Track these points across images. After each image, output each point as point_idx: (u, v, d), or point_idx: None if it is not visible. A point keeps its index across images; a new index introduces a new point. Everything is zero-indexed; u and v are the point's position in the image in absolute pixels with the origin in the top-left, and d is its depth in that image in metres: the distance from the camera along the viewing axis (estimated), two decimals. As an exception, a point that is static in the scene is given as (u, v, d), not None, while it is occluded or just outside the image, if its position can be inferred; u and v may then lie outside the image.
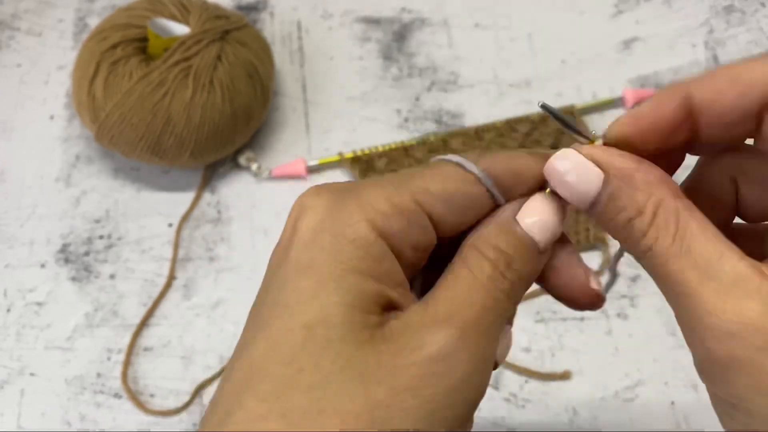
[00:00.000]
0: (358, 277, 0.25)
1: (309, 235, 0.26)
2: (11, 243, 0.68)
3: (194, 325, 0.63)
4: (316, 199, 0.27)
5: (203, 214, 0.68)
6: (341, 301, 0.24)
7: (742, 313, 0.23)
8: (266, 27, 0.77)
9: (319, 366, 0.24)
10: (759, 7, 0.74)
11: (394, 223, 0.26)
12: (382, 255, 0.26)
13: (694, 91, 0.26)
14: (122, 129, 0.63)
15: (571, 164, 0.27)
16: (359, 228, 0.25)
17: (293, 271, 0.26)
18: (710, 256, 0.24)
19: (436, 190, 0.27)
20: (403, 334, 0.25)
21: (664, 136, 0.27)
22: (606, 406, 0.57)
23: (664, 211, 0.25)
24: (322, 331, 0.24)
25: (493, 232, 0.27)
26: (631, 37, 0.73)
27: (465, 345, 0.25)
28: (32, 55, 0.78)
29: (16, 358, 0.63)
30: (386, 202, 0.26)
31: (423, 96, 0.72)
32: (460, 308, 0.26)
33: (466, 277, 0.26)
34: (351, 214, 0.26)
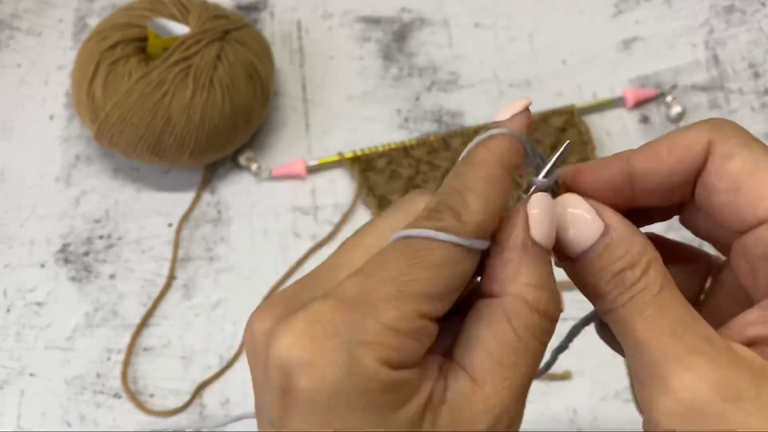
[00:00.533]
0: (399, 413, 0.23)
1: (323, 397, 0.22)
2: (11, 243, 0.68)
3: (194, 325, 0.63)
4: (308, 353, 0.23)
5: (203, 214, 0.68)
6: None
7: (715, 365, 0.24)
8: (266, 27, 0.77)
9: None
10: (759, 7, 0.74)
11: (406, 350, 0.23)
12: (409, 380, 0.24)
13: (634, 160, 0.27)
14: (122, 129, 0.63)
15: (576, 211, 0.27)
16: (380, 376, 0.23)
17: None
18: (685, 317, 0.25)
19: (436, 292, 0.24)
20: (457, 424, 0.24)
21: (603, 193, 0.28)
22: (606, 406, 0.57)
23: (655, 268, 0.26)
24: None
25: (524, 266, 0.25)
26: (631, 37, 0.73)
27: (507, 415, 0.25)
28: (32, 55, 0.78)
29: (16, 358, 0.63)
30: (392, 334, 0.23)
31: (423, 96, 0.72)
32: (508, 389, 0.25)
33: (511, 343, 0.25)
34: (365, 366, 0.22)
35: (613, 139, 0.68)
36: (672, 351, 0.24)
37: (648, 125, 0.69)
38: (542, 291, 0.25)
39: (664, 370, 0.24)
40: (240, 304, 0.63)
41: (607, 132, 0.68)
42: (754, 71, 0.70)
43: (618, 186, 0.28)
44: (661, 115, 0.69)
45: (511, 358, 0.25)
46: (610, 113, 0.70)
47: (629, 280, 0.26)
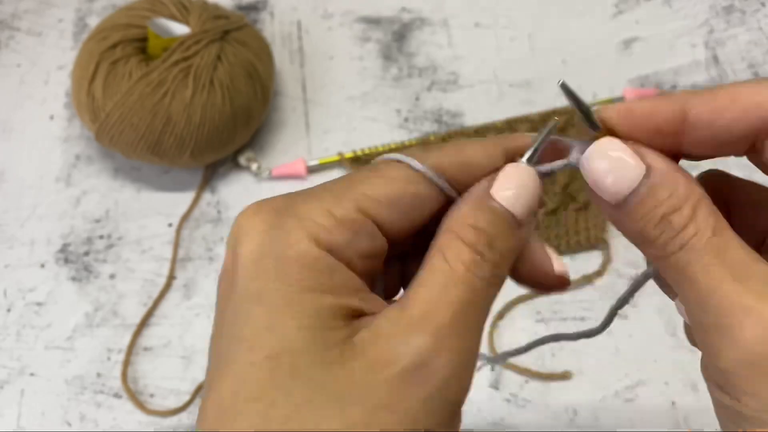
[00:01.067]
0: (311, 296, 0.24)
1: (251, 261, 0.24)
2: (11, 243, 0.68)
3: (194, 325, 0.63)
4: (253, 220, 0.25)
5: (203, 214, 0.68)
6: (299, 324, 0.23)
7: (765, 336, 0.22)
8: (266, 27, 0.77)
9: (291, 396, 0.23)
10: (759, 7, 0.74)
11: (337, 235, 0.25)
12: (331, 268, 0.24)
13: (693, 104, 0.26)
14: (122, 129, 0.63)
15: (616, 153, 0.26)
16: (301, 246, 0.24)
17: (243, 301, 0.24)
18: (745, 259, 0.24)
19: (379, 194, 0.26)
20: (374, 345, 0.24)
21: (651, 137, 0.26)
22: (606, 406, 0.57)
23: (703, 210, 0.25)
24: (288, 360, 0.23)
25: (468, 212, 0.26)
26: (631, 37, 0.73)
27: (441, 350, 0.24)
28: (32, 55, 0.78)
29: (16, 358, 0.63)
30: (327, 215, 0.25)
31: (423, 96, 0.72)
32: (435, 309, 0.24)
33: (442, 269, 0.25)
34: (291, 233, 0.24)
35: (613, 139, 0.68)
36: (737, 299, 0.23)
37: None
38: (476, 232, 0.25)
39: (730, 319, 0.23)
40: (240, 304, 0.63)
41: (607, 132, 0.68)
42: (754, 71, 0.70)
43: (669, 132, 0.26)
44: (661, 115, 0.69)
45: (438, 283, 0.25)
46: (610, 113, 0.69)
47: (678, 223, 0.25)
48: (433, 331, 0.24)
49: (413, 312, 0.24)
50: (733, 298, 0.23)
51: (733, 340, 0.23)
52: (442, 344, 0.24)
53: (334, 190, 0.26)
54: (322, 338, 0.23)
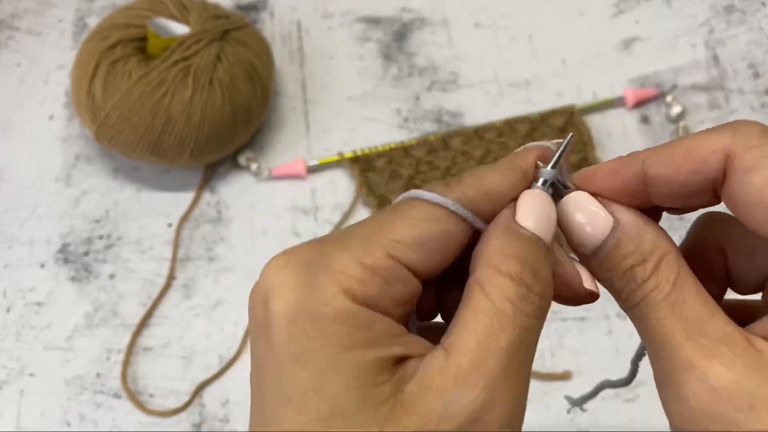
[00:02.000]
0: (353, 354, 0.23)
1: (287, 320, 0.23)
2: (11, 243, 0.68)
3: (194, 325, 0.63)
4: (282, 275, 0.24)
5: (203, 214, 0.68)
6: (346, 385, 0.23)
7: (728, 371, 0.23)
8: (266, 27, 0.77)
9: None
10: (759, 6, 0.74)
11: (371, 286, 0.24)
12: (369, 321, 0.24)
13: (648, 164, 0.26)
14: (122, 129, 0.63)
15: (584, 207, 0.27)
16: (337, 303, 0.23)
17: (284, 362, 0.23)
18: (701, 314, 0.24)
19: (407, 238, 0.25)
20: (424, 399, 0.23)
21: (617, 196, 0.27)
22: (606, 406, 0.57)
23: (666, 264, 0.25)
24: (341, 422, 0.22)
25: (503, 242, 0.25)
26: (631, 37, 0.73)
27: (495, 404, 0.23)
28: (32, 55, 0.78)
29: (16, 358, 0.63)
30: (358, 266, 0.24)
31: (423, 96, 0.72)
32: (485, 358, 0.23)
33: (486, 310, 0.24)
34: (324, 289, 0.23)
35: (613, 139, 0.68)
36: (683, 356, 0.24)
37: (648, 125, 0.69)
38: (518, 262, 0.25)
39: (677, 375, 0.24)
40: (240, 304, 0.63)
41: (607, 132, 0.68)
42: (754, 71, 0.70)
43: (632, 190, 0.27)
44: (661, 115, 0.69)
45: (485, 324, 0.24)
46: (610, 113, 0.69)
47: (640, 276, 0.25)
48: (485, 385, 0.23)
49: (461, 362, 0.23)
50: (680, 355, 0.24)
51: (678, 397, 0.24)
52: (495, 397, 0.23)
53: (361, 238, 0.25)
54: (372, 396, 0.23)
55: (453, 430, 0.23)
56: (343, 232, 0.26)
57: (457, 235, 0.26)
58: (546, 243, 0.26)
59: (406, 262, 0.25)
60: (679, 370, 0.24)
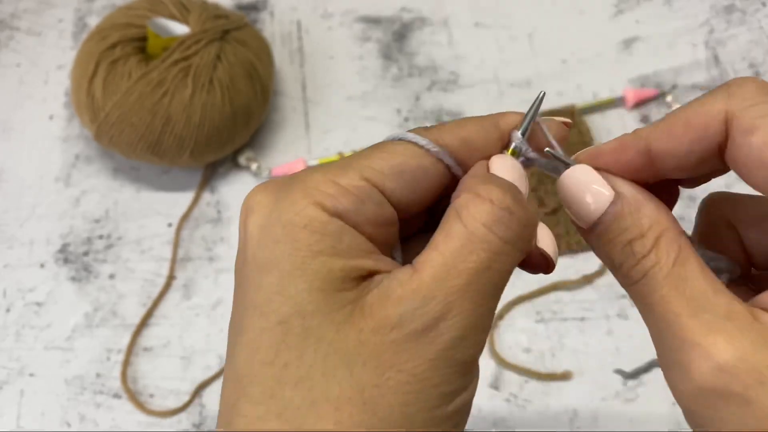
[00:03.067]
0: (321, 260, 0.24)
1: (259, 231, 0.25)
2: (11, 243, 0.68)
3: (194, 325, 0.63)
4: (260, 195, 0.26)
5: (203, 214, 0.68)
6: (309, 287, 0.24)
7: (734, 348, 0.23)
8: (266, 27, 0.77)
9: (302, 358, 0.23)
10: (759, 6, 0.74)
11: (343, 201, 0.25)
12: (339, 230, 0.25)
13: (651, 140, 0.26)
14: (122, 129, 0.63)
15: (586, 180, 0.27)
16: (308, 212, 0.25)
17: (253, 270, 0.25)
18: (705, 290, 0.24)
19: (383, 166, 0.26)
20: (383, 307, 0.24)
21: (624, 175, 0.27)
22: (606, 406, 0.57)
23: (666, 239, 0.25)
24: (298, 322, 0.24)
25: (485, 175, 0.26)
26: (631, 37, 0.73)
27: (450, 314, 0.24)
28: (32, 55, 0.78)
29: (16, 359, 0.63)
30: (331, 183, 0.25)
31: (423, 96, 0.72)
32: (449, 273, 0.24)
33: (458, 232, 0.24)
34: (297, 201, 0.25)
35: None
36: (688, 334, 0.24)
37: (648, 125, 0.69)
38: (501, 189, 0.25)
39: (683, 355, 0.24)
40: (240, 304, 0.63)
41: (607, 132, 0.68)
42: (754, 71, 0.70)
43: (639, 167, 0.27)
44: (661, 115, 0.69)
45: (454, 245, 0.24)
46: (610, 113, 0.69)
47: (639, 252, 0.25)
48: (443, 298, 0.24)
49: (424, 275, 0.24)
50: (685, 333, 0.24)
51: (684, 375, 0.24)
52: (451, 308, 0.24)
53: (339, 164, 0.26)
54: (333, 299, 0.24)
55: (404, 335, 0.23)
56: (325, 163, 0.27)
57: (433, 174, 0.27)
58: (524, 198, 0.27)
59: (379, 186, 0.26)
60: (685, 348, 0.24)
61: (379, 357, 0.23)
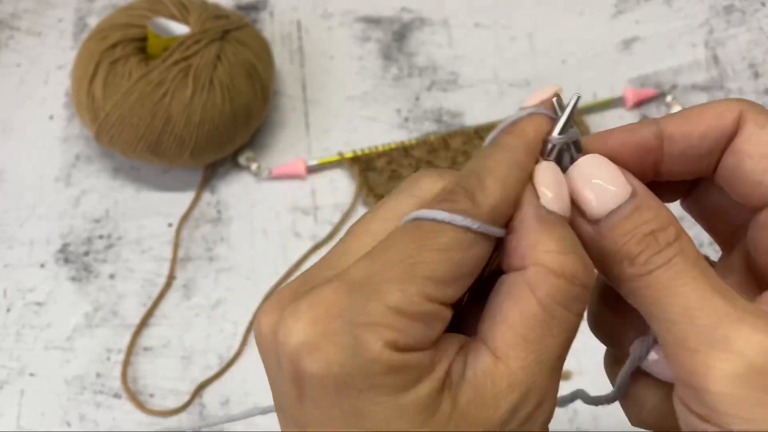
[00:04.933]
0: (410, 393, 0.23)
1: (331, 383, 0.22)
2: (11, 243, 0.68)
3: (194, 325, 0.63)
4: (310, 332, 0.22)
5: (203, 214, 0.68)
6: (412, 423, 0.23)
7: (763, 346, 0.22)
8: (266, 27, 0.77)
9: None
10: (759, 6, 0.74)
11: (413, 334, 0.23)
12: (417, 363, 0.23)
13: (666, 122, 0.27)
14: (122, 129, 0.63)
15: (605, 170, 0.26)
16: (384, 357, 0.22)
17: (337, 422, 0.23)
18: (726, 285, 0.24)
19: (444, 276, 0.23)
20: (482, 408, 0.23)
21: (630, 160, 0.27)
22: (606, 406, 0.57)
23: (686, 236, 0.25)
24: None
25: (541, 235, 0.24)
26: (631, 37, 0.73)
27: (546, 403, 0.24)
28: (32, 55, 0.78)
29: (16, 358, 0.63)
30: (398, 316, 0.22)
31: (423, 96, 0.72)
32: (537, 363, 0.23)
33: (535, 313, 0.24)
34: (368, 346, 0.22)
35: (613, 139, 0.68)
36: (730, 311, 0.23)
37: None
38: (566, 256, 0.24)
39: (724, 331, 0.23)
40: (240, 304, 0.63)
41: (607, 132, 0.68)
42: (754, 71, 0.70)
43: (648, 149, 0.27)
44: (661, 115, 0.69)
45: (536, 331, 0.23)
46: (610, 113, 0.70)
47: (664, 239, 0.25)
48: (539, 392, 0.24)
49: (511, 367, 0.23)
50: (725, 311, 0.23)
51: (729, 353, 0.22)
52: (546, 400, 0.24)
53: (394, 281, 0.23)
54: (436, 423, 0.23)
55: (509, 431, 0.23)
56: (371, 270, 0.23)
57: (485, 254, 0.25)
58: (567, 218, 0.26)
59: (441, 301, 0.23)
60: (727, 325, 0.23)
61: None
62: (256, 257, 0.65)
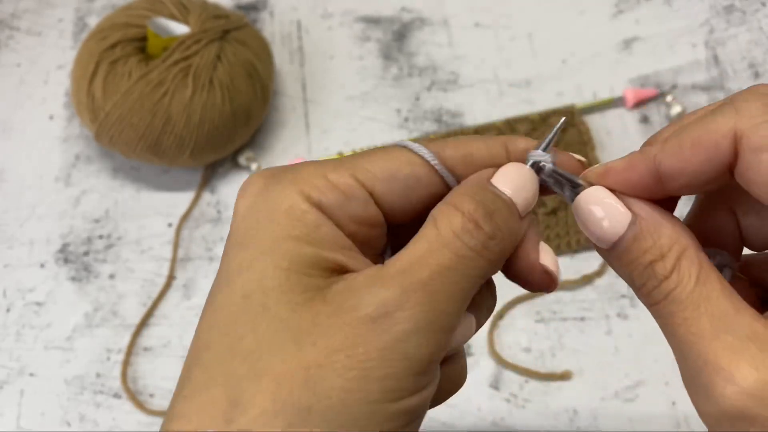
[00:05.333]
0: (292, 243, 0.25)
1: (245, 211, 0.26)
2: (11, 243, 0.68)
3: (194, 325, 0.63)
4: (254, 179, 0.27)
5: (203, 214, 0.68)
6: (275, 265, 0.25)
7: (758, 371, 0.23)
8: (266, 27, 0.77)
9: (256, 331, 0.24)
10: (759, 6, 0.74)
11: (328, 195, 0.26)
12: (317, 222, 0.26)
13: (661, 158, 0.26)
14: (122, 129, 0.63)
15: (602, 202, 0.27)
16: (291, 198, 0.26)
17: (233, 246, 0.26)
18: (727, 309, 0.24)
19: (375, 168, 0.27)
20: (343, 294, 0.24)
21: (633, 192, 0.27)
22: (606, 406, 0.57)
23: (687, 259, 0.25)
24: (259, 298, 0.24)
25: (468, 188, 0.27)
26: (631, 36, 0.73)
27: (407, 303, 0.24)
28: (32, 55, 0.78)
29: (16, 358, 0.63)
30: (321, 176, 0.26)
31: (423, 96, 0.72)
32: (411, 267, 0.24)
33: (429, 235, 0.25)
34: (284, 188, 0.26)
35: (614, 138, 0.68)
36: (713, 357, 0.24)
37: (648, 125, 0.69)
38: (474, 202, 0.26)
39: (706, 377, 0.24)
40: (240, 304, 0.63)
41: (607, 132, 0.68)
42: (754, 71, 0.70)
43: (647, 186, 0.27)
44: (661, 114, 0.69)
45: (423, 247, 0.25)
46: (610, 113, 0.69)
47: (660, 273, 0.25)
48: (402, 286, 0.24)
49: (389, 270, 0.25)
50: (708, 356, 0.24)
51: (709, 398, 0.24)
52: (409, 298, 0.24)
53: (334, 161, 0.27)
54: (296, 281, 0.24)
55: (358, 317, 0.24)
56: (324, 159, 0.28)
57: (427, 184, 0.27)
58: (518, 209, 0.27)
59: (368, 187, 0.27)
60: (708, 371, 0.24)
61: (330, 338, 0.23)
62: (256, 257, 0.65)
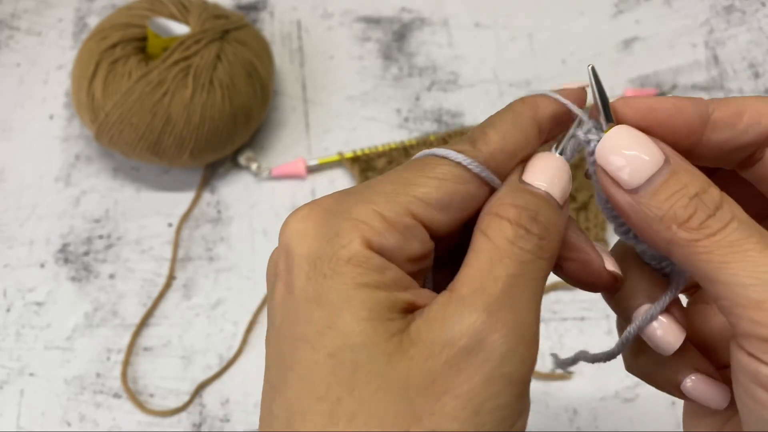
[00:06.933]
0: (365, 292, 0.24)
1: (307, 263, 0.25)
2: (11, 243, 0.68)
3: (194, 325, 0.63)
4: (305, 224, 0.25)
5: (203, 214, 0.68)
6: (357, 318, 0.24)
7: None
8: (266, 27, 0.77)
9: (354, 391, 0.23)
10: (759, 6, 0.74)
11: (388, 238, 0.25)
12: (381, 266, 0.24)
13: (714, 107, 0.26)
14: (122, 129, 0.63)
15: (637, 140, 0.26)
16: (353, 247, 0.24)
17: (302, 302, 0.24)
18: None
19: (431, 198, 0.26)
20: (430, 330, 0.23)
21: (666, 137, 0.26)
22: (606, 406, 0.57)
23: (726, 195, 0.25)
24: (348, 356, 0.23)
25: (506, 194, 0.26)
26: (631, 37, 0.73)
27: (496, 324, 0.23)
28: (31, 55, 0.78)
29: (16, 358, 0.63)
30: (378, 218, 0.25)
31: (423, 96, 0.72)
32: (483, 286, 0.24)
33: (486, 248, 0.25)
34: (343, 235, 0.24)
35: (613, 139, 0.68)
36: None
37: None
38: (516, 209, 0.25)
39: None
40: (240, 304, 0.63)
41: (607, 132, 0.68)
42: (754, 71, 0.70)
43: (690, 130, 0.26)
44: (661, 115, 0.69)
45: (484, 261, 0.25)
46: (610, 113, 0.69)
47: (712, 202, 0.24)
48: (484, 307, 0.24)
49: (462, 292, 0.24)
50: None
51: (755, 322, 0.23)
52: (496, 318, 0.23)
53: (385, 192, 0.26)
54: (381, 330, 0.24)
55: (455, 353, 0.23)
56: (368, 184, 0.26)
57: (477, 196, 0.27)
58: (555, 199, 0.27)
59: (425, 222, 0.25)
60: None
61: (433, 383, 0.23)
62: (256, 257, 0.65)
